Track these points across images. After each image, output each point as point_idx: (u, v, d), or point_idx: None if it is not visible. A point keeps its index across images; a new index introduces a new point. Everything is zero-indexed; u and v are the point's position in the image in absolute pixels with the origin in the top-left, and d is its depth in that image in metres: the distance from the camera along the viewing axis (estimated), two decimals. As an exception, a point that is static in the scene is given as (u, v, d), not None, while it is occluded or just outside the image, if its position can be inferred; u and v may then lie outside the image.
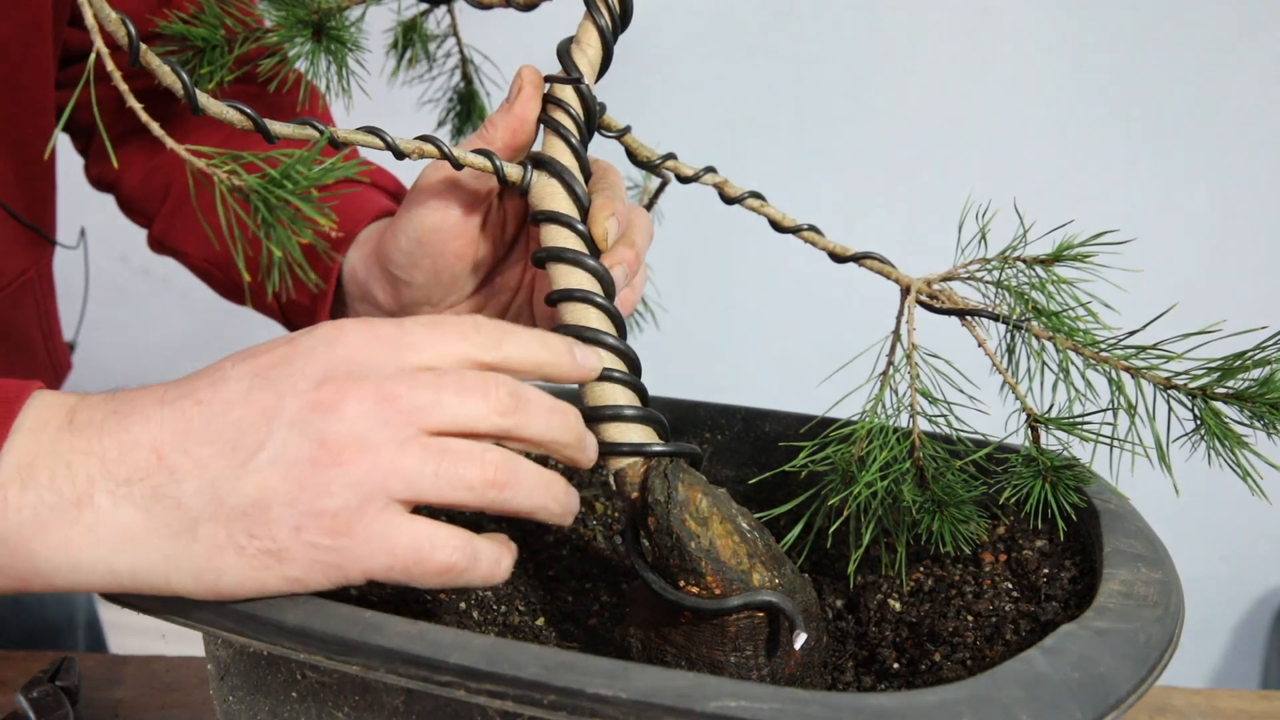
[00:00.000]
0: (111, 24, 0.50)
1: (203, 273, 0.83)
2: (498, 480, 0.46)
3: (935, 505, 0.55)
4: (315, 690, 0.47)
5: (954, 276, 0.58)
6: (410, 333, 0.47)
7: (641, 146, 0.63)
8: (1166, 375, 0.53)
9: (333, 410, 0.44)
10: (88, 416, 0.45)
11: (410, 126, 0.58)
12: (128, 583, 0.45)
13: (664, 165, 0.62)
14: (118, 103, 0.51)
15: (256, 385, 0.44)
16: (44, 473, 0.44)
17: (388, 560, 0.44)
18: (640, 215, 0.61)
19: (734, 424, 0.75)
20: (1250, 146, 1.56)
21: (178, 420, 0.44)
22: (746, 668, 0.50)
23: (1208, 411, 0.52)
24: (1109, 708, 0.41)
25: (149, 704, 0.74)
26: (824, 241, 0.60)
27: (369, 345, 0.46)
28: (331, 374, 0.44)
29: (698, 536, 0.52)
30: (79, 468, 0.44)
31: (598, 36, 0.57)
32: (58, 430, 0.45)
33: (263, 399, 0.44)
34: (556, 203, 0.56)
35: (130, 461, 0.44)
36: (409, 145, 0.55)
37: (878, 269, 0.58)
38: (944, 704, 0.40)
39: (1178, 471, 0.53)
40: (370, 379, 0.45)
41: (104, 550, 0.44)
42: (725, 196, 0.61)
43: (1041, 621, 0.53)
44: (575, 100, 0.57)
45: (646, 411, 0.54)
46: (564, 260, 0.55)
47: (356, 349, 0.45)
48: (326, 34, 0.69)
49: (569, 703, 0.39)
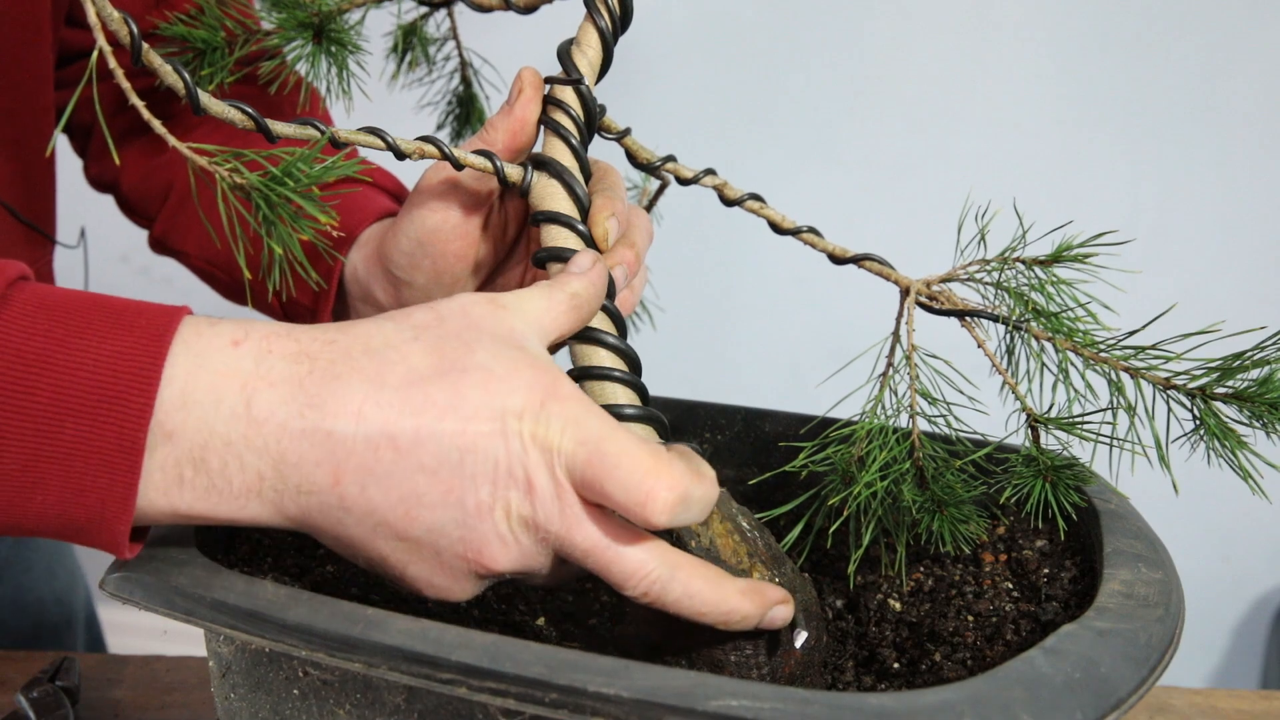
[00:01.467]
0: (114, 23, 0.50)
1: (204, 273, 0.83)
2: None
3: (935, 505, 0.55)
4: (317, 688, 0.47)
5: (953, 278, 0.58)
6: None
7: (641, 148, 0.63)
8: (1166, 375, 0.53)
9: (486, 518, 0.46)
10: (270, 408, 0.45)
11: (409, 129, 0.58)
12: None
13: (664, 167, 0.62)
14: (117, 102, 0.51)
15: (449, 464, 0.45)
16: (215, 459, 0.45)
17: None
18: (640, 216, 0.61)
19: (734, 424, 0.75)
20: (1250, 146, 1.57)
21: (366, 455, 0.45)
22: (746, 666, 0.51)
23: (1207, 411, 0.52)
24: (1110, 708, 0.41)
25: (149, 704, 0.74)
26: (823, 243, 0.60)
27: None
28: (512, 472, 0.46)
29: (698, 535, 0.52)
30: (251, 465, 0.45)
31: (598, 38, 0.57)
32: (232, 416, 0.44)
33: (449, 481, 0.45)
34: (557, 203, 0.56)
35: (306, 476, 0.45)
36: (410, 146, 0.55)
37: (877, 270, 0.58)
38: (945, 704, 0.40)
39: (1177, 471, 0.53)
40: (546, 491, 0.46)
41: (246, 522, 0.47)
42: (725, 199, 0.61)
43: (1042, 622, 0.53)
44: (575, 102, 0.57)
45: (647, 411, 0.54)
46: (565, 260, 0.55)
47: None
48: (327, 36, 0.69)
49: (570, 701, 0.39)
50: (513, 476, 0.46)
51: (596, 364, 0.54)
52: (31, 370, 0.43)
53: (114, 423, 0.43)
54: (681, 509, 0.46)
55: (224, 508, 0.46)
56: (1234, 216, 1.59)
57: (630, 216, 0.60)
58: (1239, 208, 1.59)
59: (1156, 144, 1.57)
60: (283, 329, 0.47)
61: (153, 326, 0.45)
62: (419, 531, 0.46)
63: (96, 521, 0.45)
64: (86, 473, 0.44)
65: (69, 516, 0.45)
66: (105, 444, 0.43)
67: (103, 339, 0.44)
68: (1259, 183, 1.58)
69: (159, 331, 0.45)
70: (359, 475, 0.45)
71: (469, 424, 0.45)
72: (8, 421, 0.43)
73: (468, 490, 0.45)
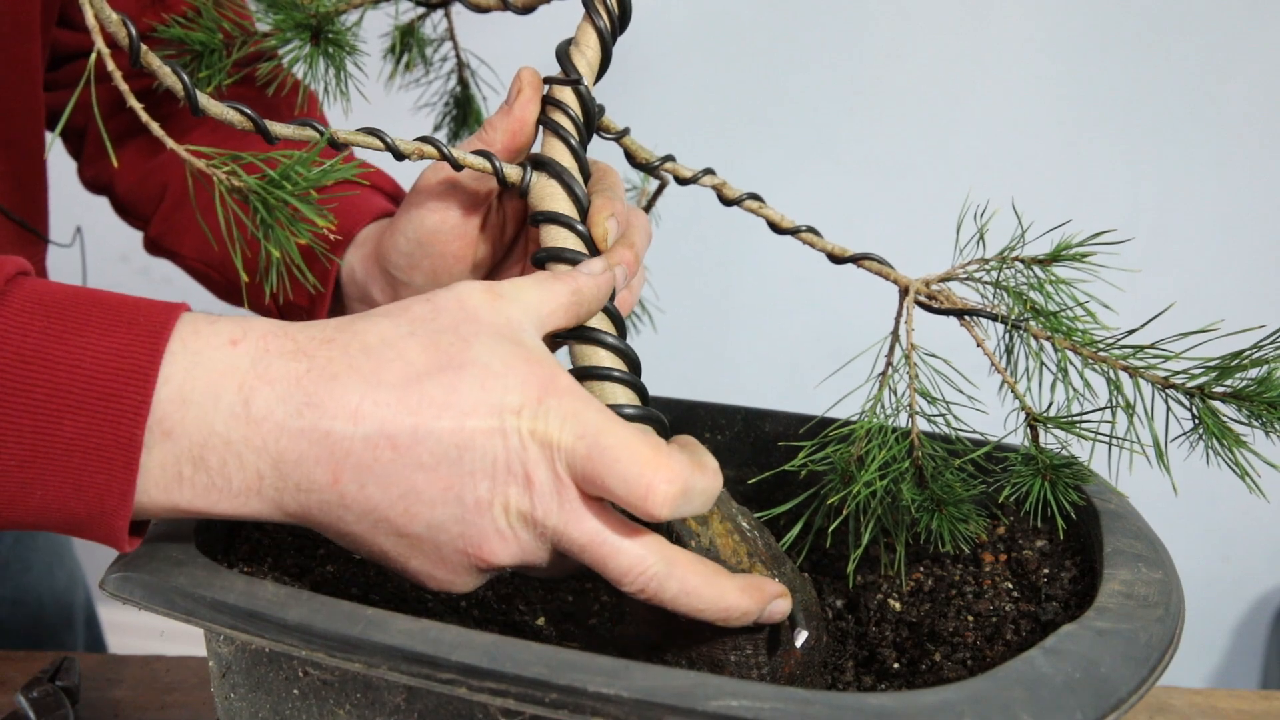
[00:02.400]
0: (112, 25, 0.50)
1: (199, 274, 0.83)
2: None
3: (934, 504, 0.55)
4: (317, 688, 0.47)
5: (952, 277, 0.58)
6: None
7: (640, 148, 0.63)
8: (1164, 375, 0.53)
9: (486, 510, 0.46)
10: (268, 407, 0.45)
11: (407, 130, 0.58)
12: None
13: (662, 167, 0.62)
14: (113, 104, 0.51)
15: (447, 461, 0.45)
16: (214, 457, 0.45)
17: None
18: (639, 216, 0.61)
19: (734, 424, 0.75)
20: (1250, 146, 1.57)
21: (364, 454, 0.45)
22: (746, 666, 0.51)
23: (1205, 411, 0.52)
24: (1110, 708, 0.41)
25: (149, 704, 0.74)
26: (822, 243, 0.60)
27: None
28: (511, 468, 0.46)
29: (697, 535, 0.52)
30: (250, 464, 0.45)
31: (596, 38, 0.57)
32: (231, 415, 0.45)
33: (448, 479, 0.45)
34: (556, 204, 0.56)
35: (305, 474, 0.45)
36: (409, 146, 0.55)
37: (876, 270, 0.58)
38: (945, 704, 0.40)
39: (1177, 471, 0.53)
40: (525, 473, 0.47)
41: (248, 517, 0.47)
42: (724, 198, 0.61)
43: (1042, 622, 0.54)
44: (574, 102, 0.57)
45: (647, 411, 0.54)
46: (564, 260, 0.55)
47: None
48: (325, 38, 0.69)
49: (570, 701, 0.39)
50: (511, 472, 0.46)
51: (596, 364, 0.54)
52: (30, 366, 0.43)
53: (111, 419, 0.43)
54: (683, 501, 0.46)
55: (224, 504, 0.46)
56: (1234, 216, 1.59)
57: (629, 217, 0.60)
58: (1239, 208, 1.59)
59: (1156, 144, 1.57)
60: (280, 327, 0.47)
61: (150, 323, 0.45)
62: (419, 528, 0.46)
63: (95, 517, 0.45)
64: (85, 469, 0.44)
65: (68, 512, 0.45)
66: (103, 440, 0.43)
67: (100, 335, 0.44)
68: (1259, 183, 1.58)
69: (156, 329, 0.45)
70: (358, 474, 0.45)
71: (466, 421, 0.45)
72: (5, 418, 0.43)
73: (466, 486, 0.45)
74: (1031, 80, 1.56)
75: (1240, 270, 1.60)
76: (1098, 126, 1.57)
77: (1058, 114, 1.57)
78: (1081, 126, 1.57)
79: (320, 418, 0.45)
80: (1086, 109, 1.56)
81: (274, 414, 0.45)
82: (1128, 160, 1.58)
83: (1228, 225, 1.60)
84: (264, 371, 0.45)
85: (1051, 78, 1.56)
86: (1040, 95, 1.57)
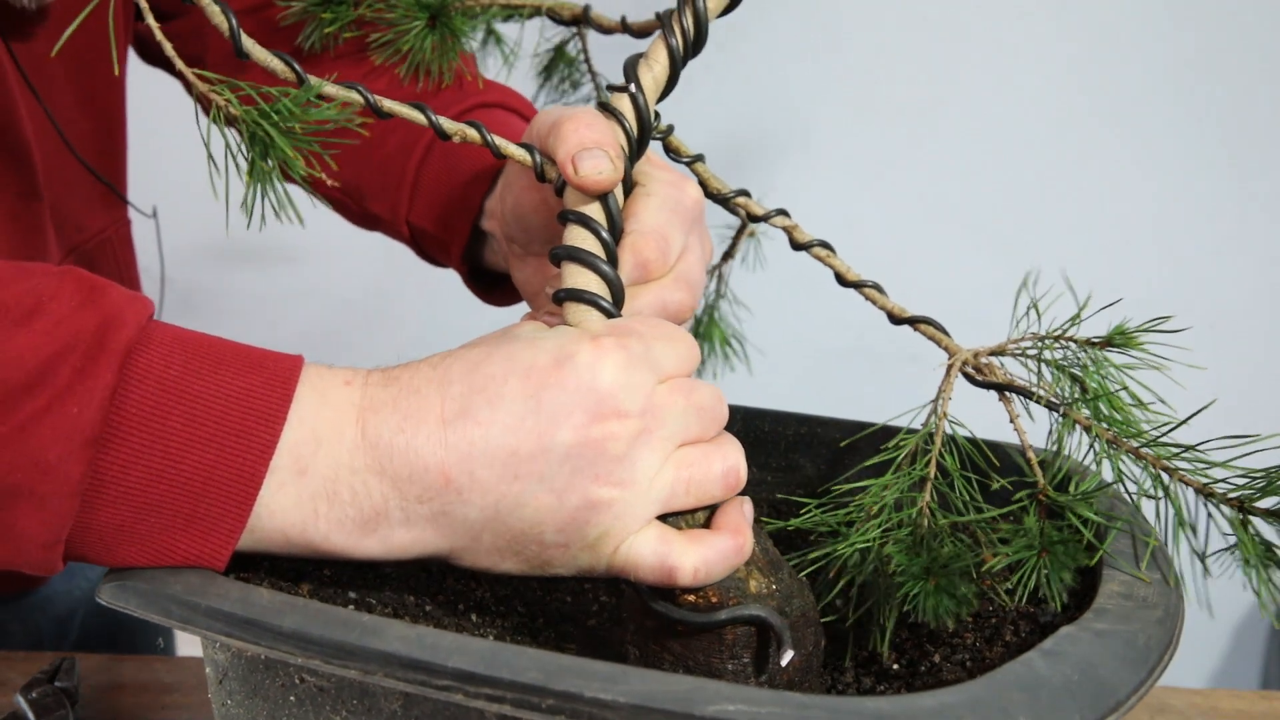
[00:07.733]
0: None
1: (336, 203, 0.83)
2: (732, 468, 0.51)
3: (925, 573, 0.53)
4: (313, 694, 0.47)
5: (1004, 351, 0.57)
6: (657, 353, 0.50)
7: (713, 178, 0.62)
8: (1204, 481, 0.52)
9: (602, 450, 0.48)
10: (377, 431, 0.48)
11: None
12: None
13: (735, 200, 0.61)
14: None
15: (530, 411, 0.47)
16: (345, 490, 0.48)
17: (637, 574, 0.50)
18: (696, 244, 0.59)
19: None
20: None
21: (461, 444, 0.47)
22: (744, 675, 0.50)
23: (1243, 530, 0.50)
24: (1109, 710, 0.41)
25: (149, 704, 0.74)
26: (884, 300, 0.59)
27: (627, 372, 0.49)
28: (599, 409, 0.48)
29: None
30: (374, 488, 0.48)
31: (667, 56, 0.56)
32: (354, 446, 0.48)
33: (539, 428, 0.47)
34: (588, 207, 0.55)
35: (421, 483, 0.48)
36: (453, 127, 0.55)
37: (931, 335, 0.57)
38: (943, 707, 0.40)
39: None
40: (633, 415, 0.48)
41: (396, 552, 0.49)
42: (794, 242, 0.60)
43: (1041, 623, 0.53)
44: (630, 111, 0.56)
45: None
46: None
47: (618, 378, 0.48)
48: (441, 22, 0.71)
49: (568, 706, 0.39)
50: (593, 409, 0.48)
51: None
52: (168, 396, 0.46)
53: (237, 455, 0.46)
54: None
55: (359, 539, 0.49)
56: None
57: (683, 249, 0.58)
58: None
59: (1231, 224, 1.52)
60: (379, 368, 0.51)
61: (281, 368, 0.49)
62: (532, 478, 0.48)
63: (198, 556, 0.48)
64: (201, 501, 0.46)
65: (174, 546, 0.47)
66: (226, 475, 0.46)
67: (235, 375, 0.47)
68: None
69: (287, 373, 0.48)
70: (463, 464, 0.47)
71: (535, 383, 0.48)
72: (144, 443, 0.46)
73: (548, 429, 0.47)
74: (1058, 91, 1.53)
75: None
76: (1178, 199, 1.51)
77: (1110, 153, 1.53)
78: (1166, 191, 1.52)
79: (416, 429, 0.48)
80: (1147, 140, 1.52)
81: (383, 437, 0.48)
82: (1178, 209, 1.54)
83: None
84: (370, 401, 0.49)
85: (1080, 99, 1.53)
86: (1071, 115, 1.53)
